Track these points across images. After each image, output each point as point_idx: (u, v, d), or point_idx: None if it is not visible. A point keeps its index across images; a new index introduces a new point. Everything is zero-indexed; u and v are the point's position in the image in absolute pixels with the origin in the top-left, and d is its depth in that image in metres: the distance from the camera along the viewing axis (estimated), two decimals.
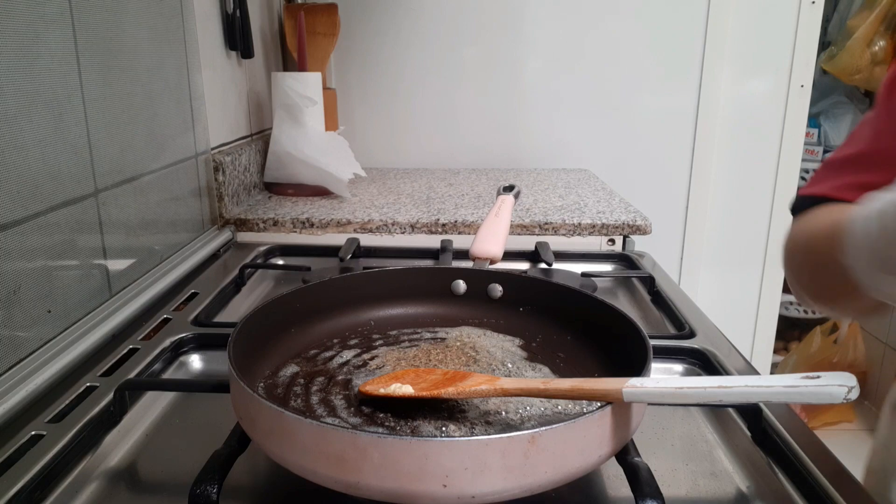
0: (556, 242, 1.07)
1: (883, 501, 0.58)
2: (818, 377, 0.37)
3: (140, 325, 0.74)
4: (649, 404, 0.49)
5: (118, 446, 0.53)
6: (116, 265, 0.77)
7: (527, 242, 1.02)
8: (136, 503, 0.48)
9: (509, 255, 0.88)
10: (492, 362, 0.59)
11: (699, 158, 1.66)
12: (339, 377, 0.56)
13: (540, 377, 0.57)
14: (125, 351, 0.67)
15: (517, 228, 1.10)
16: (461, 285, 0.69)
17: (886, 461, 0.61)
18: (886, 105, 0.55)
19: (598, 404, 0.42)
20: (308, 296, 0.64)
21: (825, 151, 2.26)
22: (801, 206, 0.60)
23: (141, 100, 0.83)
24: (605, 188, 1.40)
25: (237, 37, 1.18)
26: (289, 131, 1.26)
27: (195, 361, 0.69)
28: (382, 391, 0.50)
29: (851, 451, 0.77)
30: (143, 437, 0.55)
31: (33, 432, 0.52)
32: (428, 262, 0.98)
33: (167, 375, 0.66)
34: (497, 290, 0.68)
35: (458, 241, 1.02)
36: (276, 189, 1.31)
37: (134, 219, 0.82)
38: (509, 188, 0.89)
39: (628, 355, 0.53)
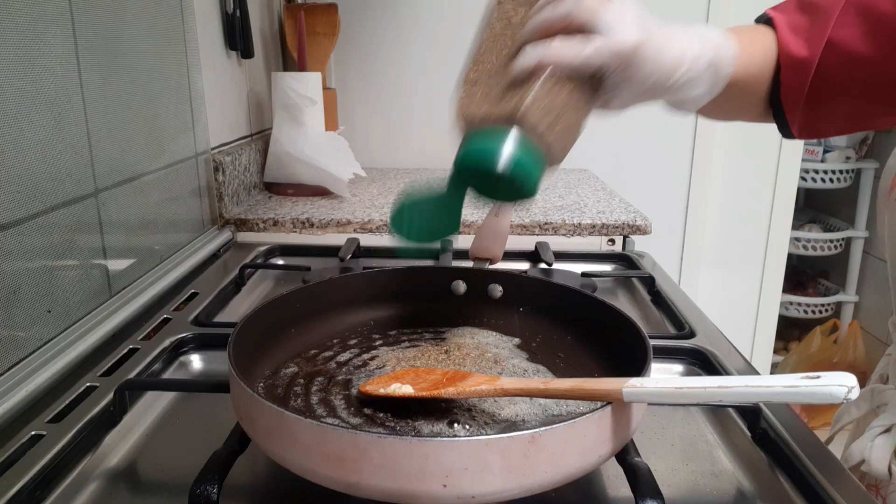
0: (556, 242, 1.07)
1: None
2: (818, 377, 0.37)
3: (140, 325, 0.73)
4: (649, 404, 0.49)
5: (118, 446, 0.53)
6: (116, 265, 0.77)
7: (527, 242, 1.02)
8: (136, 503, 0.48)
9: (509, 255, 0.88)
10: (492, 362, 0.59)
11: (699, 158, 1.66)
12: (339, 377, 0.56)
13: (540, 377, 0.57)
14: (125, 351, 0.67)
15: (517, 228, 1.10)
16: (461, 285, 0.69)
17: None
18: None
19: (598, 404, 0.42)
20: (308, 296, 0.64)
21: (825, 151, 2.26)
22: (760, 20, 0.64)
23: (141, 100, 0.83)
24: (605, 188, 1.40)
25: (237, 37, 1.18)
26: (289, 131, 1.26)
27: (195, 361, 0.69)
28: (382, 391, 0.50)
29: None
30: (143, 437, 0.55)
31: (33, 432, 0.52)
32: (428, 262, 0.98)
33: (167, 375, 0.66)
34: (497, 290, 0.68)
35: (458, 241, 1.02)
36: (276, 189, 1.31)
37: (134, 219, 0.82)
38: None
39: (628, 355, 0.53)
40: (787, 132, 0.61)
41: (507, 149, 0.45)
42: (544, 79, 0.47)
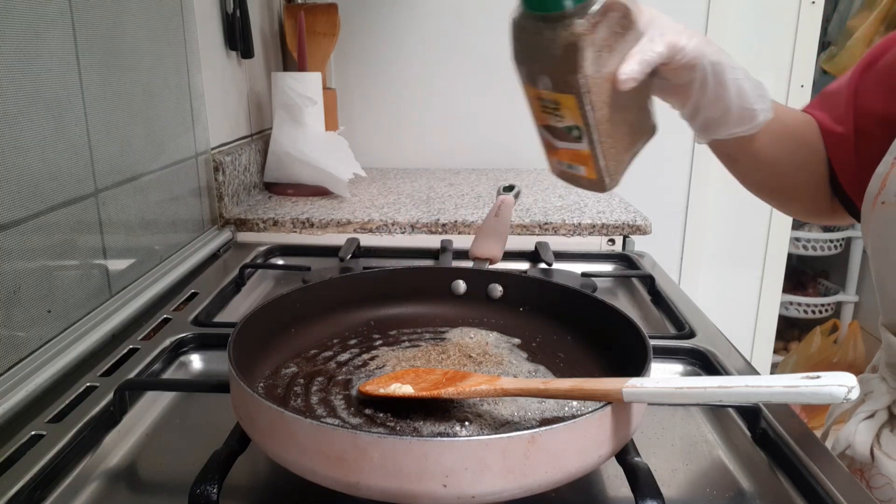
0: (556, 242, 1.07)
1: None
2: (818, 377, 0.37)
3: (140, 325, 0.73)
4: (649, 404, 0.49)
5: (118, 446, 0.53)
6: (116, 265, 0.77)
7: (527, 242, 1.02)
8: (136, 503, 0.48)
9: (509, 255, 0.88)
10: (492, 362, 0.59)
11: (699, 158, 1.66)
12: (339, 377, 0.56)
13: (540, 377, 0.57)
14: (125, 351, 0.67)
15: (517, 228, 1.10)
16: (461, 285, 0.69)
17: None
18: (872, 67, 0.63)
19: (598, 404, 0.42)
20: (308, 296, 0.64)
21: None
22: None
23: (141, 100, 0.83)
24: None
25: (237, 37, 1.18)
26: (289, 131, 1.26)
27: (195, 361, 0.69)
28: (382, 391, 0.50)
29: None
30: (143, 437, 0.55)
31: (33, 432, 0.52)
32: (428, 262, 0.98)
33: (167, 375, 0.66)
34: (497, 290, 0.68)
35: (458, 241, 1.02)
36: (276, 189, 1.31)
37: (134, 219, 0.82)
38: (509, 188, 0.89)
39: (628, 355, 0.53)
40: (857, 213, 0.65)
41: None
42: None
